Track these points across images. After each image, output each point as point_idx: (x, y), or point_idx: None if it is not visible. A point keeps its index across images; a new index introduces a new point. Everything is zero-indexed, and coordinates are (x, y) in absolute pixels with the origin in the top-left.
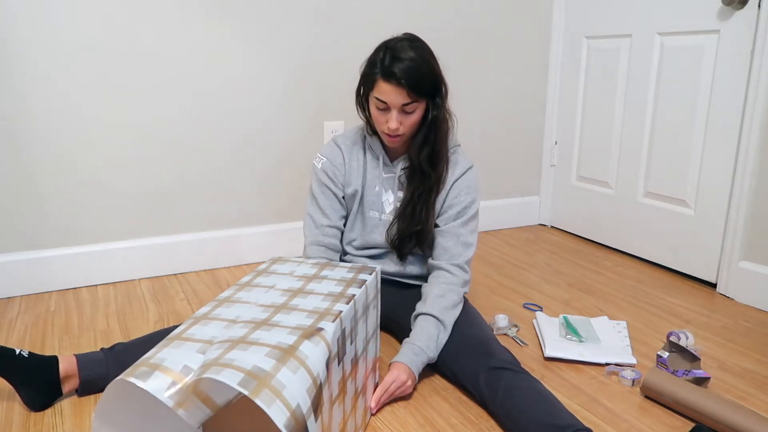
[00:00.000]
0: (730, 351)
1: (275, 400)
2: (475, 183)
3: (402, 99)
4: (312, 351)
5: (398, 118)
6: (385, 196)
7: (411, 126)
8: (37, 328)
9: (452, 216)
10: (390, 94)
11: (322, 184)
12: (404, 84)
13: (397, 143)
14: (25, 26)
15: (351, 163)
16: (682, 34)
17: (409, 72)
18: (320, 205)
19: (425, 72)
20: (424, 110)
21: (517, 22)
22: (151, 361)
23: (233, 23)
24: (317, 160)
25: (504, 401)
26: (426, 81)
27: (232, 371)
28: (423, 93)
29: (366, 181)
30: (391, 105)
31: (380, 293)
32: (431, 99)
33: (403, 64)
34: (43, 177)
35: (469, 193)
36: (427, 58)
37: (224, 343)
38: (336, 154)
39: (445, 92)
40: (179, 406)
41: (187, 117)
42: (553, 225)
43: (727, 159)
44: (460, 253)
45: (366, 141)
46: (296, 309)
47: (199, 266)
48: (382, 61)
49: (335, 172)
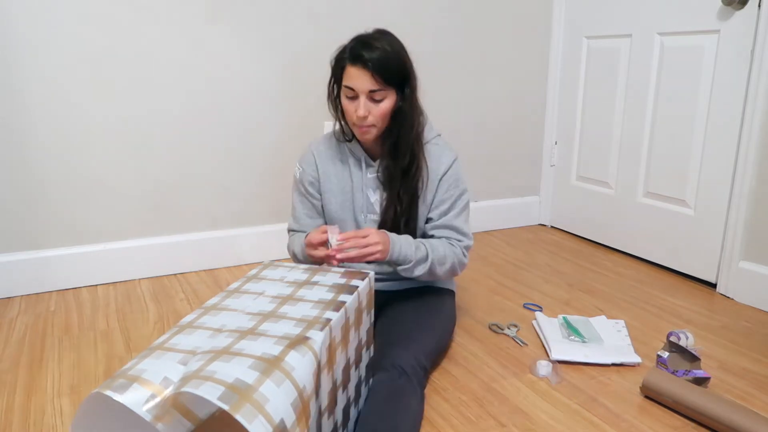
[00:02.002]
0: (730, 351)
1: (257, 416)
2: (461, 174)
3: (369, 84)
4: (298, 362)
5: (366, 105)
6: (374, 196)
7: (380, 116)
8: (37, 328)
9: (445, 210)
10: (357, 78)
11: (300, 193)
12: (370, 67)
13: (368, 135)
14: (26, 26)
15: (327, 170)
16: (682, 34)
17: (377, 58)
18: (296, 214)
19: (393, 60)
20: (394, 102)
21: (517, 22)
22: (130, 373)
23: (233, 24)
24: (296, 169)
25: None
26: (393, 69)
27: (212, 384)
28: (390, 81)
29: (353, 185)
30: (358, 91)
31: (378, 300)
32: (399, 90)
33: (372, 50)
34: (43, 177)
35: (457, 186)
36: (396, 49)
37: (207, 354)
38: (310, 162)
39: (415, 85)
40: (158, 420)
41: (187, 117)
42: (553, 225)
43: (727, 159)
44: (459, 239)
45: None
46: (284, 317)
47: (199, 266)
48: (351, 49)
49: (311, 181)
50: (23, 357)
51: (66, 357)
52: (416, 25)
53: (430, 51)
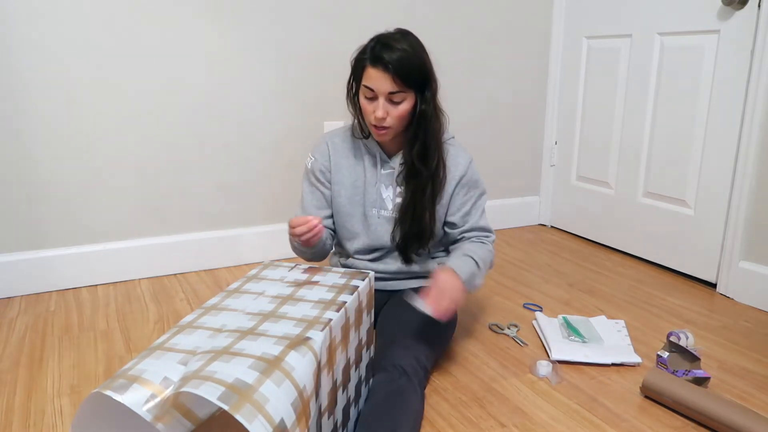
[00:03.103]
0: (730, 351)
1: (257, 416)
2: (478, 175)
3: (389, 86)
4: (298, 362)
5: (385, 107)
6: (386, 192)
7: (399, 118)
8: (37, 328)
9: (468, 212)
10: (377, 80)
11: (311, 183)
12: (391, 70)
13: (385, 137)
14: (26, 27)
15: (340, 161)
16: (682, 34)
17: (398, 60)
18: (304, 204)
19: (414, 63)
20: (413, 104)
21: (517, 22)
22: (130, 373)
23: (233, 23)
24: (308, 159)
25: (366, 400)
26: (414, 71)
27: (212, 384)
28: (410, 83)
29: (366, 180)
30: (377, 92)
31: (380, 299)
32: (419, 92)
33: (393, 52)
34: (43, 177)
35: (477, 187)
36: (417, 50)
37: (207, 353)
38: (324, 153)
39: (436, 88)
40: (158, 421)
41: (187, 117)
42: (553, 225)
43: (727, 159)
44: (488, 235)
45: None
46: (284, 317)
47: (199, 266)
48: (372, 49)
49: (323, 170)
50: (23, 357)
51: (66, 357)
52: (416, 25)
53: (430, 51)
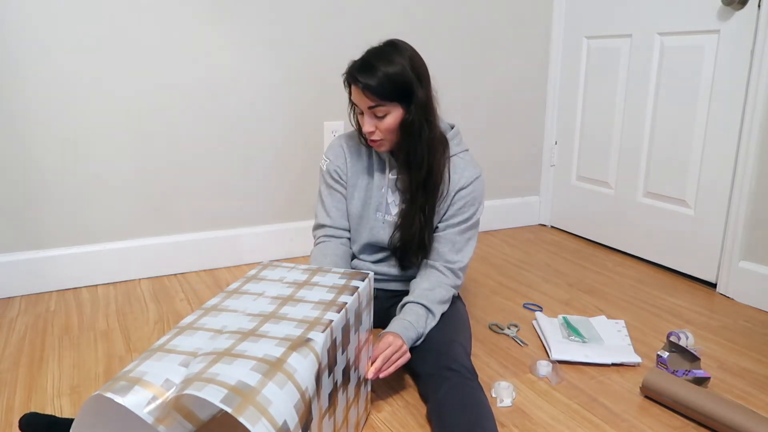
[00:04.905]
0: (730, 351)
1: (260, 418)
2: (480, 194)
3: (366, 101)
4: (300, 364)
5: (370, 121)
6: (391, 197)
7: (386, 131)
8: (37, 328)
9: (453, 224)
10: (356, 96)
11: (328, 186)
12: (361, 87)
13: (381, 148)
14: (26, 27)
15: (355, 164)
16: (682, 34)
17: (371, 75)
18: (326, 207)
19: (390, 75)
20: (400, 115)
21: (516, 22)
22: (132, 375)
23: (233, 23)
24: (323, 162)
25: (441, 402)
26: (389, 85)
27: (215, 387)
28: (386, 96)
29: (373, 182)
30: (360, 108)
31: (380, 300)
32: (405, 104)
33: (367, 67)
34: (43, 177)
35: (473, 204)
36: (398, 62)
37: (208, 355)
38: (339, 154)
39: (425, 96)
40: (160, 423)
41: (187, 117)
42: (553, 225)
43: (727, 159)
44: (455, 259)
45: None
46: (285, 318)
47: (199, 266)
48: (352, 66)
49: (339, 173)
50: (23, 357)
51: (66, 357)
52: (416, 25)
53: (430, 51)
